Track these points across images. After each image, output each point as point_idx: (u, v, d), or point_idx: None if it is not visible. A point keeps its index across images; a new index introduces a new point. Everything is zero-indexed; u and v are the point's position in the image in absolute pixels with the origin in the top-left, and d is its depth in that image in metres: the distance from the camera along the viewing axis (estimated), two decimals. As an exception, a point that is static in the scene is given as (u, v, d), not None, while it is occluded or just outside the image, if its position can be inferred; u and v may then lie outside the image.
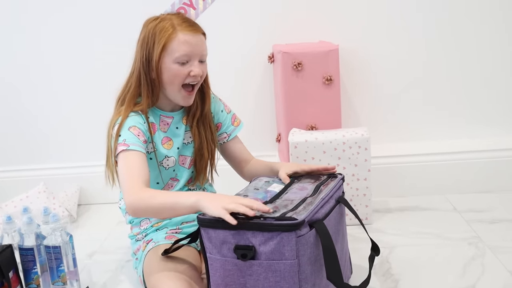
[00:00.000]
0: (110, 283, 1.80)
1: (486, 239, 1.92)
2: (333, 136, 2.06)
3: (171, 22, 1.61)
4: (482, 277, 1.66)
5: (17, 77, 2.53)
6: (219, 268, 1.35)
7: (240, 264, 1.33)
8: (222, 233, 1.33)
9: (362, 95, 2.48)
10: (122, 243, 2.07)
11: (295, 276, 1.30)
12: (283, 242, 1.28)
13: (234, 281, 1.34)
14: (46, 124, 2.57)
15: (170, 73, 1.61)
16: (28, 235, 1.62)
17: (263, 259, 1.31)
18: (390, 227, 2.07)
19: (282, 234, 1.28)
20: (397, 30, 2.41)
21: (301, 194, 1.49)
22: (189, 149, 1.77)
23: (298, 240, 1.28)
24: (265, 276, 1.31)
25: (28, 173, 2.60)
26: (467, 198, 2.31)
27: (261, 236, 1.29)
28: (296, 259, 1.29)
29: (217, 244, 1.34)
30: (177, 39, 1.59)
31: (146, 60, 1.61)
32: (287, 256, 1.29)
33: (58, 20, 2.45)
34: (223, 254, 1.34)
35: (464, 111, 2.49)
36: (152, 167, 1.69)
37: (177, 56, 1.59)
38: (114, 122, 1.64)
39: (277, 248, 1.29)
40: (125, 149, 1.56)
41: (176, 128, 1.74)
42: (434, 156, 2.40)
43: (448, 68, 2.44)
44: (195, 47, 1.62)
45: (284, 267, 1.30)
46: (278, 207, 1.39)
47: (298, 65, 2.20)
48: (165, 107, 1.72)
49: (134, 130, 1.60)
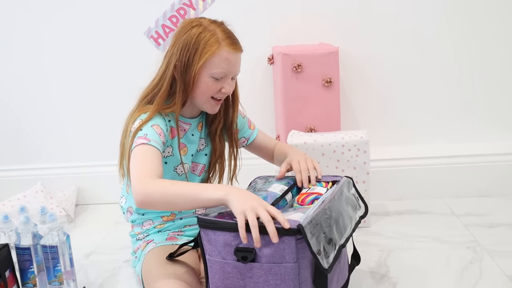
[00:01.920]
0: (107, 283, 1.80)
1: (484, 243, 1.91)
2: (332, 138, 2.06)
3: (216, 37, 1.57)
4: (480, 281, 1.66)
5: (15, 77, 2.52)
6: (219, 270, 1.35)
7: (240, 266, 1.32)
8: (222, 235, 1.32)
9: (361, 98, 2.48)
10: (119, 244, 2.06)
11: (296, 279, 1.29)
12: (283, 245, 1.28)
13: (234, 284, 1.33)
14: (44, 124, 2.57)
15: (203, 85, 1.60)
16: (25, 234, 1.61)
17: (263, 262, 1.30)
18: (388, 230, 2.07)
19: (283, 237, 1.27)
20: (398, 33, 2.41)
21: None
22: (201, 156, 1.76)
23: (299, 243, 1.28)
24: (265, 279, 1.30)
25: (25, 173, 2.60)
26: (466, 202, 2.31)
27: (262, 239, 1.27)
28: (296, 262, 1.28)
29: (217, 246, 1.33)
30: (220, 55, 1.57)
31: (184, 65, 1.58)
32: (287, 259, 1.28)
33: (57, 21, 2.45)
34: (223, 256, 1.33)
35: (464, 115, 2.49)
36: (166, 172, 1.63)
37: (215, 72, 1.58)
38: (135, 117, 1.60)
39: (277, 251, 1.28)
40: (145, 143, 1.50)
41: (192, 135, 1.72)
42: (433, 159, 2.40)
43: (448, 71, 2.44)
44: (233, 66, 1.62)
45: (284, 270, 1.29)
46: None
47: (298, 67, 2.19)
48: (185, 113, 1.69)
49: (156, 128, 1.56)
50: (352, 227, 1.50)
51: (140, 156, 1.48)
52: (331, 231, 1.36)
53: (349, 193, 1.59)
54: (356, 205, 1.59)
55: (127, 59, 2.41)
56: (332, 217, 1.39)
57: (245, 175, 1.83)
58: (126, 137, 1.61)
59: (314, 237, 1.28)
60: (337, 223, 1.41)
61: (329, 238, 1.34)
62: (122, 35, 2.43)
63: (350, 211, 1.53)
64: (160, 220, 1.74)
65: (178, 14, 2.29)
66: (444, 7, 2.38)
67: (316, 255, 1.26)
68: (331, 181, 1.62)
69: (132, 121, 1.60)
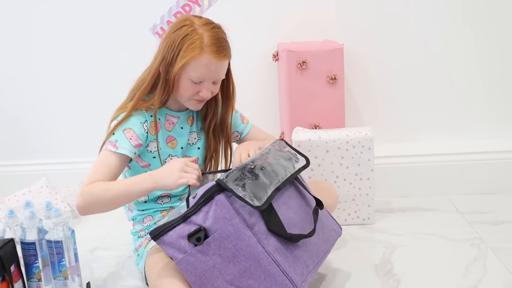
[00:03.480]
0: (111, 278, 1.81)
1: (488, 240, 1.91)
2: (336, 135, 2.06)
3: (201, 41, 1.56)
4: (484, 278, 1.66)
5: (20, 72, 2.53)
6: (187, 265, 1.38)
7: (200, 249, 1.36)
8: (173, 232, 1.38)
9: (366, 95, 2.48)
10: (123, 239, 2.07)
11: (247, 231, 1.34)
12: (218, 207, 1.34)
13: (204, 268, 1.37)
14: (49, 119, 2.58)
15: (182, 86, 1.61)
16: (30, 229, 1.61)
17: (213, 233, 1.34)
18: (393, 227, 2.06)
19: (213, 200, 1.34)
20: (403, 30, 2.41)
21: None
22: (194, 150, 1.77)
23: (232, 199, 1.34)
24: (224, 247, 1.35)
25: (31, 168, 2.61)
26: (470, 199, 2.30)
27: (201, 213, 1.35)
28: (238, 215, 1.34)
29: (175, 245, 1.38)
30: (199, 60, 1.57)
31: (167, 63, 1.59)
32: (229, 217, 1.34)
33: (56, 10, 2.45)
34: (184, 250, 1.37)
35: (468, 112, 2.48)
36: (156, 166, 1.68)
37: (193, 76, 1.59)
38: (116, 115, 1.65)
39: (218, 215, 1.34)
40: (112, 150, 1.58)
41: (181, 128, 1.74)
42: (438, 157, 2.39)
43: (453, 68, 2.44)
44: (213, 72, 1.61)
45: (233, 229, 1.34)
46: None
47: (303, 63, 2.19)
48: (172, 107, 1.72)
49: (128, 132, 1.60)
50: (289, 174, 1.53)
51: (97, 164, 1.57)
52: (257, 177, 1.41)
53: (284, 150, 1.63)
54: (292, 158, 1.61)
55: (132, 54, 2.41)
56: (256, 167, 1.44)
57: None
58: (110, 124, 1.67)
59: (240, 186, 1.34)
60: (264, 170, 1.44)
61: (256, 182, 1.39)
62: (127, 29, 2.43)
63: (283, 161, 1.56)
64: (160, 216, 1.75)
65: (183, 11, 2.29)
66: (449, 5, 2.37)
67: (243, 198, 1.32)
68: None
69: (112, 118, 1.65)
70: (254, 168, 1.43)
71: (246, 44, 2.44)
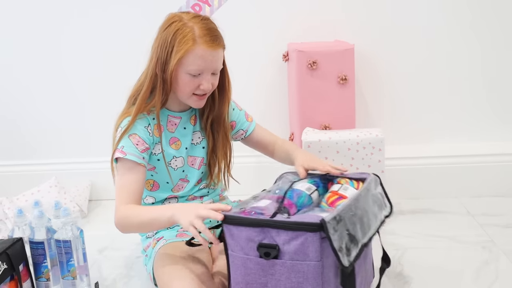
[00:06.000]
0: (120, 279, 1.80)
1: (500, 243, 1.89)
2: (347, 136, 2.05)
3: (192, 33, 1.56)
4: (496, 282, 1.64)
5: (30, 72, 2.53)
6: (241, 266, 1.34)
7: (262, 262, 1.31)
8: (245, 231, 1.32)
9: (377, 95, 2.46)
10: (132, 240, 2.06)
11: (318, 278, 1.28)
12: (307, 242, 1.26)
13: (255, 280, 1.33)
14: (58, 119, 2.58)
15: (181, 82, 1.60)
16: (39, 228, 1.61)
17: (286, 259, 1.29)
18: (403, 229, 2.05)
19: (307, 234, 1.26)
20: (414, 31, 2.39)
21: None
22: (198, 149, 1.75)
23: (323, 241, 1.26)
24: (287, 277, 1.29)
25: (40, 168, 2.61)
26: (481, 202, 2.29)
27: (285, 235, 1.27)
28: (320, 261, 1.27)
29: (240, 242, 1.33)
30: (195, 52, 1.56)
31: (163, 62, 1.59)
32: (311, 257, 1.27)
33: (69, 16, 2.46)
34: (246, 252, 1.32)
35: (480, 114, 2.46)
36: (161, 168, 1.68)
37: (191, 69, 1.58)
38: (119, 123, 1.65)
39: (301, 249, 1.27)
40: (122, 157, 1.58)
41: (183, 129, 1.72)
42: (449, 158, 2.38)
43: (466, 69, 2.42)
44: (210, 63, 1.59)
45: (307, 268, 1.28)
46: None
47: (313, 64, 2.18)
48: (173, 107, 1.71)
49: (133, 138, 1.60)
50: (377, 226, 1.49)
51: (119, 176, 1.61)
52: (355, 228, 1.34)
53: (376, 191, 1.57)
54: (382, 204, 1.57)
55: (134, 52, 2.40)
56: (356, 215, 1.37)
57: (243, 172, 1.84)
58: (115, 132, 1.67)
59: (337, 233, 1.26)
60: (362, 221, 1.39)
61: (353, 235, 1.32)
62: (130, 27, 2.43)
63: (376, 209, 1.51)
64: None
65: (193, 10, 2.28)
66: (459, 6, 2.36)
67: (337, 252, 1.24)
68: (360, 180, 1.58)
69: (117, 125, 1.65)
70: (354, 215, 1.36)
71: (256, 45, 2.43)
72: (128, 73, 1.72)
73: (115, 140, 1.64)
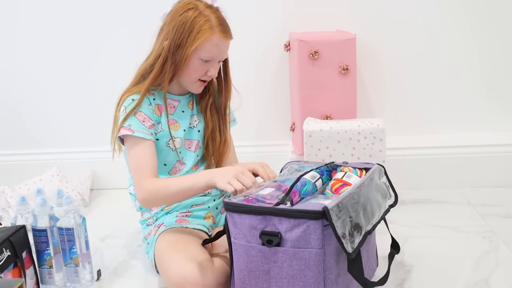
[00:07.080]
0: (122, 267, 1.81)
1: (500, 233, 1.90)
2: (348, 126, 2.05)
3: (210, 23, 1.63)
4: (496, 271, 1.65)
5: (33, 62, 2.53)
6: (243, 253, 1.35)
7: (265, 250, 1.32)
8: (248, 218, 1.32)
9: (378, 85, 2.46)
10: (134, 228, 2.07)
11: (320, 265, 1.29)
12: (309, 230, 1.27)
13: (258, 267, 1.34)
14: (60, 109, 2.58)
15: (192, 66, 1.67)
16: (42, 216, 1.62)
17: (288, 246, 1.30)
18: (404, 219, 2.05)
19: (309, 222, 1.27)
20: (416, 21, 2.39)
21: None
22: (195, 133, 1.79)
23: (325, 229, 1.27)
24: (290, 264, 1.30)
25: (42, 157, 2.61)
26: (482, 192, 2.29)
27: (288, 223, 1.28)
28: (322, 248, 1.28)
29: (242, 229, 1.34)
30: (211, 41, 1.64)
31: (176, 46, 1.64)
32: (313, 244, 1.28)
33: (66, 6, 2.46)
34: (248, 239, 1.33)
35: (482, 104, 2.46)
36: (160, 149, 1.72)
37: (204, 55, 1.65)
38: (122, 101, 1.69)
39: (303, 236, 1.28)
40: (130, 135, 1.63)
41: (182, 112, 1.77)
42: (450, 149, 2.38)
43: (466, 59, 2.42)
44: (222, 52, 1.69)
45: (309, 256, 1.29)
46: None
47: (315, 53, 2.18)
48: (173, 90, 1.76)
49: (139, 116, 1.66)
50: (381, 215, 1.49)
51: (132, 157, 1.65)
52: (358, 216, 1.35)
53: (380, 180, 1.57)
54: (386, 193, 1.58)
55: (143, 44, 2.40)
56: (359, 202, 1.38)
57: (242, 161, 1.83)
58: (117, 110, 1.71)
59: (340, 220, 1.27)
60: (365, 209, 1.40)
61: (356, 223, 1.33)
62: (138, 25, 2.43)
63: (380, 198, 1.52)
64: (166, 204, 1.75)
65: None
66: (464, -4, 2.36)
67: (340, 238, 1.25)
68: (364, 169, 1.59)
69: (122, 100, 1.70)
70: (357, 203, 1.36)
71: (258, 34, 2.43)
72: (128, 62, 1.72)
73: (117, 119, 1.69)
